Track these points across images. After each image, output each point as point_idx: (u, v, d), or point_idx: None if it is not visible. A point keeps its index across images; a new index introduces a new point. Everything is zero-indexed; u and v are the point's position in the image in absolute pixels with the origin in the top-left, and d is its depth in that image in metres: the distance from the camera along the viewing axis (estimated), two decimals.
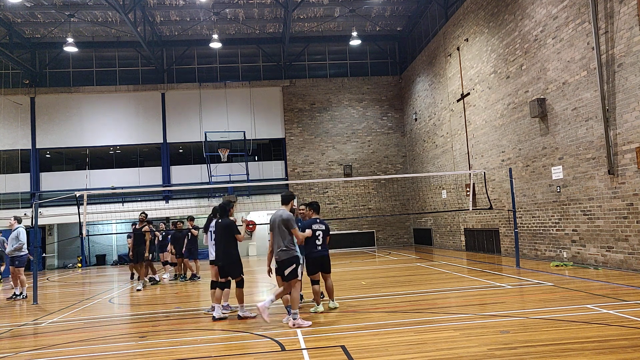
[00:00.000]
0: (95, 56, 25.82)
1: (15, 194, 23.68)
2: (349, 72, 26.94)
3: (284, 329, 7.07)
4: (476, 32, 17.45)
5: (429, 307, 8.09)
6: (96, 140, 25.00)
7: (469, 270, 13.06)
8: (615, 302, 7.49)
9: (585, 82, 11.78)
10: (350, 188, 25.56)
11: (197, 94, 25.65)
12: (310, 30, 25.57)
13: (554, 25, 12.91)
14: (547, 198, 13.66)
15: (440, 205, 21.18)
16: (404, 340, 6.03)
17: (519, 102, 14.82)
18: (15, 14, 22.46)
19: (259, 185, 24.46)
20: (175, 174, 25.30)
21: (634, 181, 10.41)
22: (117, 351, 6.35)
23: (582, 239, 12.31)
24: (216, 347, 6.32)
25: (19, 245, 11.85)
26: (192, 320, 8.42)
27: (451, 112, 19.97)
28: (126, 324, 8.50)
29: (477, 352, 5.29)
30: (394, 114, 26.55)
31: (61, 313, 9.83)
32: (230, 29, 25.43)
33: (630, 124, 10.40)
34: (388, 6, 23.90)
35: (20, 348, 6.88)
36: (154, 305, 10.20)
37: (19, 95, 24.46)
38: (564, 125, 12.67)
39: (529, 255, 14.64)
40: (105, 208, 21.07)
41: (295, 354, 5.72)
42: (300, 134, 25.93)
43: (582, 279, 10.06)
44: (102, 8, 22.16)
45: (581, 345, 5.34)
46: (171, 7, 22.93)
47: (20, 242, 11.85)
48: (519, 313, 7.15)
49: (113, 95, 25.33)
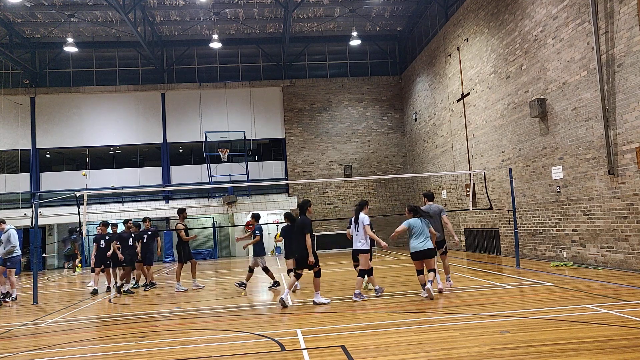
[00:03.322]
0: (95, 56, 25.82)
1: (15, 194, 23.68)
2: (349, 72, 26.94)
3: (284, 329, 7.07)
4: (476, 32, 17.45)
5: (429, 307, 8.09)
6: (96, 140, 25.00)
7: (469, 270, 13.06)
8: (615, 302, 7.49)
9: (585, 82, 11.78)
10: (350, 188, 25.56)
11: (197, 94, 25.65)
12: (310, 30, 25.57)
13: (554, 25, 12.91)
14: (547, 198, 13.66)
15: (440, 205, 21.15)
16: (404, 340, 6.03)
17: (519, 102, 14.82)
18: (15, 14, 22.46)
19: (259, 185, 24.49)
20: (175, 174, 25.31)
21: (634, 181, 10.41)
22: (117, 351, 6.35)
23: (582, 239, 12.31)
24: (216, 347, 6.32)
25: (11, 247, 11.79)
26: (192, 320, 8.43)
27: (451, 112, 19.97)
28: (126, 324, 8.49)
29: (477, 352, 5.29)
30: (394, 114, 26.55)
31: (61, 313, 9.83)
32: (230, 29, 25.44)
33: (630, 124, 10.40)
34: (388, 6, 23.91)
35: (20, 348, 6.88)
36: (154, 305, 10.20)
37: (19, 95, 24.46)
38: (564, 125, 12.67)
39: (529, 255, 14.64)
40: (105, 208, 21.07)
41: (295, 354, 5.71)
42: (300, 134, 25.94)
43: (582, 279, 10.06)
44: (102, 8, 22.16)
45: (581, 345, 5.33)
46: (171, 7, 22.94)
47: (12, 245, 11.78)
48: (519, 313, 7.15)
49: (113, 95, 25.34)
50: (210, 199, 24.63)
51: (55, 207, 21.86)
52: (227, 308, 9.38)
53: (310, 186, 25.30)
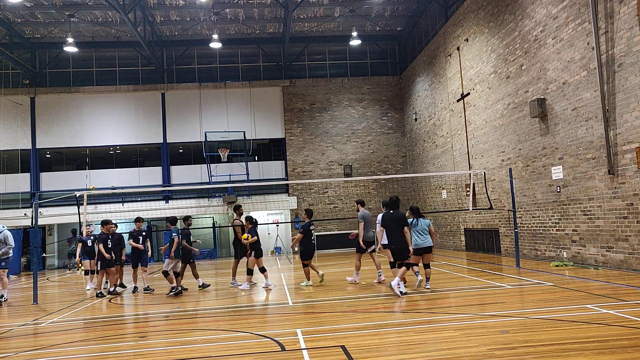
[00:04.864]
0: (95, 56, 25.82)
1: (15, 194, 23.68)
2: (349, 72, 26.94)
3: (284, 329, 7.07)
4: (476, 32, 17.45)
5: (429, 307, 8.09)
6: (96, 140, 25.00)
7: (469, 270, 13.06)
8: (615, 302, 7.49)
9: (585, 82, 11.78)
10: (350, 188, 25.56)
11: (197, 94, 25.65)
12: (310, 30, 25.57)
13: (554, 25, 12.91)
14: (547, 198, 13.66)
15: (440, 205, 21.18)
16: (404, 340, 6.03)
17: (519, 102, 14.82)
18: (15, 14, 22.46)
19: (259, 185, 24.48)
20: (175, 174, 25.31)
21: (634, 181, 10.41)
22: (117, 351, 6.35)
23: (582, 239, 12.31)
24: (216, 347, 6.32)
25: (7, 249, 11.77)
26: (192, 320, 8.42)
27: (451, 112, 19.97)
28: (126, 324, 8.50)
29: (477, 352, 5.29)
30: (394, 114, 26.55)
31: (61, 313, 9.83)
32: (230, 29, 25.43)
33: (630, 124, 10.40)
34: (388, 6, 23.91)
35: (20, 348, 6.88)
36: (154, 305, 10.19)
37: (19, 95, 24.45)
38: (564, 125, 12.67)
39: (529, 255, 14.64)
40: (105, 208, 21.07)
41: (295, 354, 5.72)
42: (300, 134, 25.93)
43: (582, 279, 10.06)
44: (102, 8, 22.16)
45: (581, 345, 5.34)
46: (171, 7, 22.93)
47: (8, 246, 11.75)
48: (519, 313, 7.15)
49: (113, 95, 25.33)
50: (210, 199, 24.64)
51: (55, 207, 21.87)
52: (227, 308, 9.38)
53: (310, 186, 25.30)
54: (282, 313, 8.46)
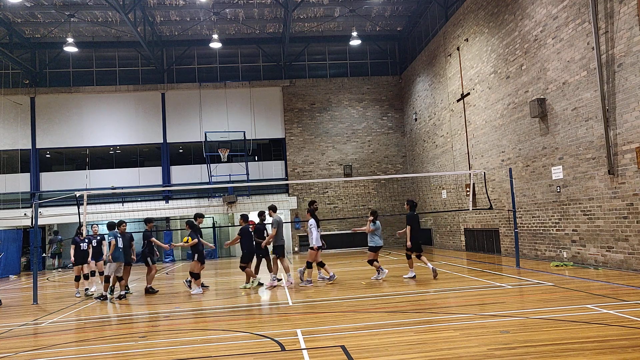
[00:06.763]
0: (95, 56, 25.82)
1: (15, 194, 23.68)
2: (349, 72, 26.94)
3: (284, 329, 7.07)
4: (476, 32, 17.45)
5: (429, 307, 8.09)
6: (96, 140, 25.01)
7: (469, 270, 13.06)
8: (615, 302, 7.49)
9: (585, 82, 11.78)
10: (350, 188, 25.57)
11: (197, 94, 25.65)
12: (310, 30, 25.57)
13: (554, 25, 12.91)
14: (547, 198, 13.66)
15: (440, 205, 21.18)
16: (404, 340, 6.03)
17: (519, 102, 14.82)
18: (15, 14, 22.46)
19: (259, 185, 24.49)
20: (175, 174, 25.31)
21: (634, 181, 10.41)
22: (117, 351, 6.35)
23: (582, 239, 12.31)
24: (216, 347, 6.32)
25: None
26: (192, 320, 8.42)
27: (451, 112, 19.97)
28: (126, 324, 8.50)
29: (477, 352, 5.29)
30: (394, 114, 26.55)
31: (61, 313, 9.83)
32: (230, 29, 25.43)
33: (630, 124, 10.40)
34: (388, 6, 23.90)
35: (20, 348, 6.88)
36: (154, 305, 10.19)
37: (19, 95, 24.46)
38: (564, 125, 12.67)
39: (529, 255, 14.64)
40: (105, 208, 21.07)
41: (295, 354, 5.72)
42: (300, 134, 25.94)
43: (582, 279, 10.06)
44: (102, 8, 22.16)
45: (581, 345, 5.34)
46: (171, 7, 22.93)
47: None
48: (519, 313, 7.15)
49: (113, 95, 25.34)
50: (210, 199, 24.63)
51: (55, 207, 21.86)
52: (227, 308, 9.38)
53: (310, 186, 25.30)
54: (282, 313, 8.46)
